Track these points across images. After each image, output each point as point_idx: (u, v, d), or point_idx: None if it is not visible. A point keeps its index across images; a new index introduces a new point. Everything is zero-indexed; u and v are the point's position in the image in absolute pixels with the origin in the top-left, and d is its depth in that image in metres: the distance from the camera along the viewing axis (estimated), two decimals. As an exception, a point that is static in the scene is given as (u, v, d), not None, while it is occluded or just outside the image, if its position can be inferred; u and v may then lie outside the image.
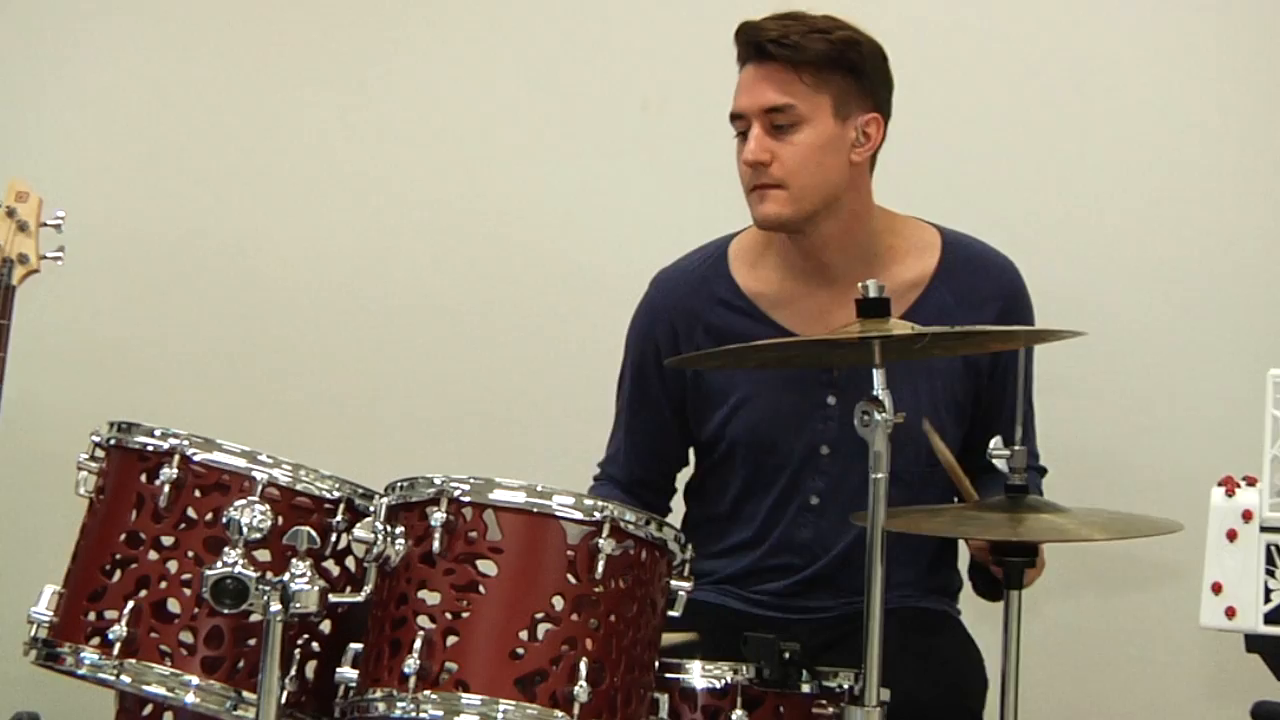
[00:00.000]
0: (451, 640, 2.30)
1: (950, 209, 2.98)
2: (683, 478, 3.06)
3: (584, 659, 2.29)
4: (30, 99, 3.88)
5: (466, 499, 2.34)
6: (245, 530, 2.28)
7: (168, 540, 2.37)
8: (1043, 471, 2.85)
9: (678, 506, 3.02)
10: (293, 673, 2.36)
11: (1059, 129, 3.53)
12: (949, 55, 3.52)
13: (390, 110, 3.81)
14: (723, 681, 2.46)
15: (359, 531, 2.33)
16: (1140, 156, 3.52)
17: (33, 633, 2.40)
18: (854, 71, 2.79)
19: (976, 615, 2.90)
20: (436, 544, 2.32)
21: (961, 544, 2.84)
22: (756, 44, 2.78)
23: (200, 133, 3.87)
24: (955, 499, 2.81)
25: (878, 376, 2.31)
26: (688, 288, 2.92)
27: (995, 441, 2.51)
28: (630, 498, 2.84)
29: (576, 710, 2.27)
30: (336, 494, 2.40)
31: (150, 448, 2.40)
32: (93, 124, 3.87)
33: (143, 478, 2.39)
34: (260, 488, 2.35)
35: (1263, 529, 2.01)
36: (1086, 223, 3.48)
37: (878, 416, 2.28)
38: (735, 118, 2.81)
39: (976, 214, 3.06)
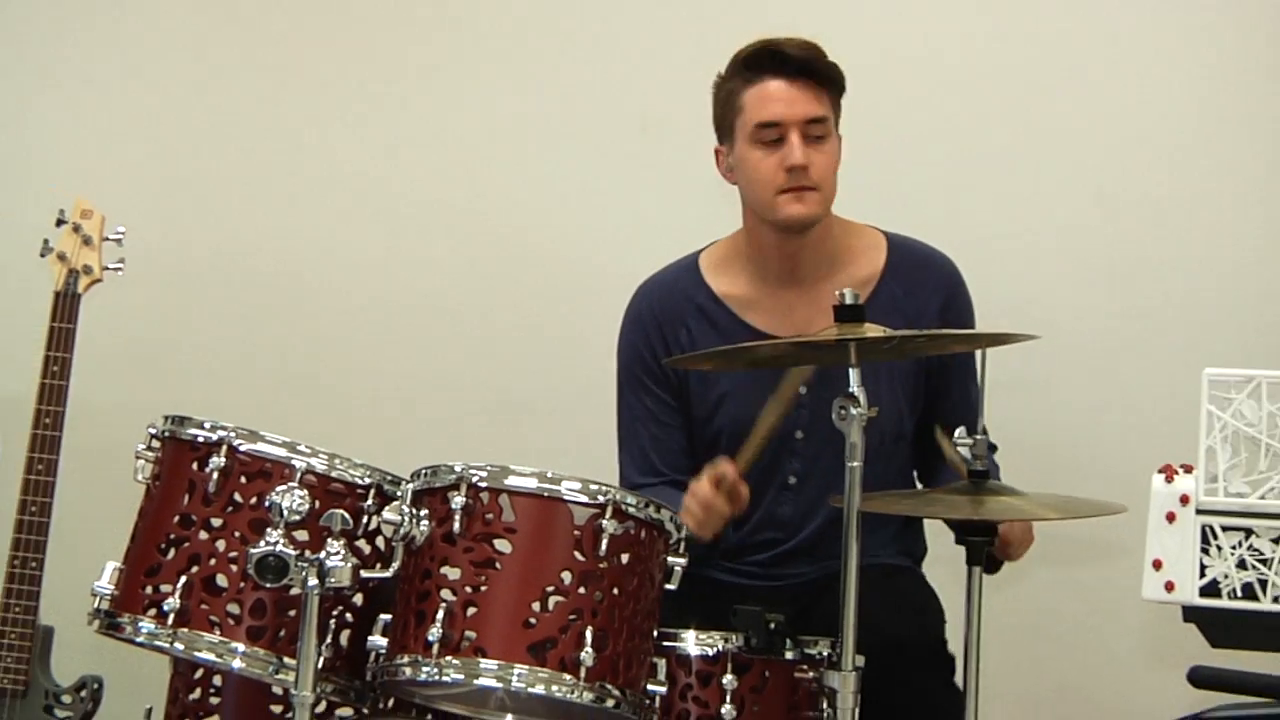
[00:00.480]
0: (471, 611, 2.30)
1: (904, 217, 3.00)
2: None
3: (590, 628, 2.30)
4: (90, 119, 3.89)
5: (484, 484, 2.34)
6: (286, 513, 2.29)
7: (216, 522, 2.38)
8: (994, 448, 2.86)
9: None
10: (328, 640, 2.37)
11: (1010, 147, 3.52)
12: (906, 68, 3.51)
13: (419, 132, 3.80)
14: (714, 649, 2.46)
15: (387, 514, 2.35)
16: (1086, 172, 3.50)
17: (96, 605, 2.40)
18: (843, 94, 2.82)
19: (940, 585, 2.89)
20: (457, 525, 2.33)
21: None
22: (794, 62, 2.76)
23: (241, 151, 3.86)
24: (915, 472, 2.89)
25: (854, 375, 2.31)
26: (668, 296, 2.91)
27: (960, 432, 2.51)
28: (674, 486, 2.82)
29: (583, 674, 2.28)
30: (367, 480, 2.40)
31: (200, 439, 2.41)
32: (144, 143, 3.86)
33: (194, 466, 2.40)
34: (299, 475, 2.36)
35: (1198, 511, 2.01)
36: (1040, 233, 3.47)
37: (854, 411, 2.29)
38: (769, 125, 2.76)
39: (941, 224, 3.05)
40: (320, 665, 2.30)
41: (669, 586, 2.42)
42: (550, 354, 3.62)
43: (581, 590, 2.31)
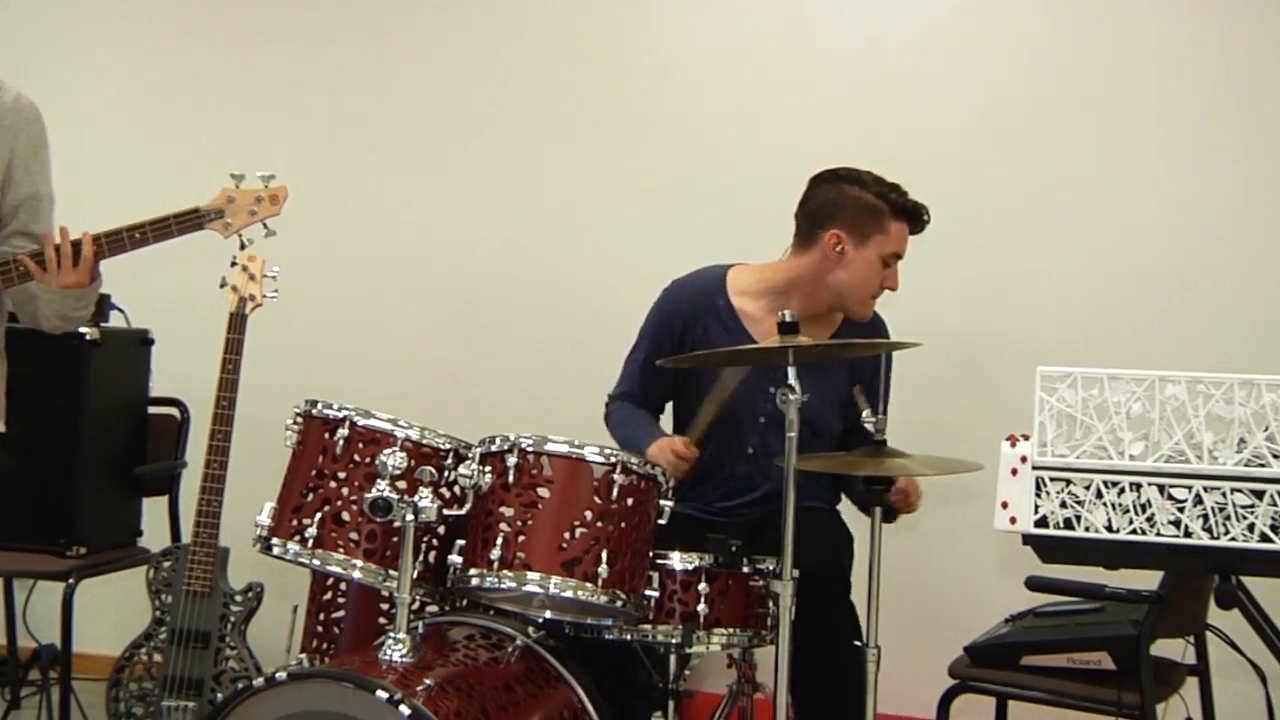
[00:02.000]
0: (520, 539, 2.29)
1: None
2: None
3: (605, 550, 2.29)
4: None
5: (530, 449, 2.33)
6: (390, 469, 2.30)
7: (341, 475, 2.37)
8: None
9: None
10: (420, 559, 2.36)
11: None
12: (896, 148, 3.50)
13: (481, 184, 3.80)
14: (692, 565, 2.47)
15: (462, 470, 2.35)
16: (957, 202, 3.44)
17: (257, 533, 2.40)
18: None
19: (853, 525, 2.89)
20: (511, 478, 2.32)
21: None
22: (924, 217, 2.78)
23: (347, 206, 3.87)
24: (841, 445, 2.85)
25: (791, 371, 2.30)
26: (698, 295, 2.86)
27: (866, 413, 2.51)
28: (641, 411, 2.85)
29: (600, 583, 2.28)
30: (448, 446, 2.39)
31: (330, 415, 2.40)
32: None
33: (326, 435, 2.39)
34: (400, 441, 2.35)
35: (1033, 467, 2.00)
36: (918, 269, 3.44)
37: (790, 397, 2.28)
38: (896, 257, 2.77)
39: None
40: (415, 576, 2.31)
41: (661, 522, 2.42)
42: (577, 354, 3.61)
43: (599, 524, 2.31)
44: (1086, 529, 1.99)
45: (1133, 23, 3.39)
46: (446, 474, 2.36)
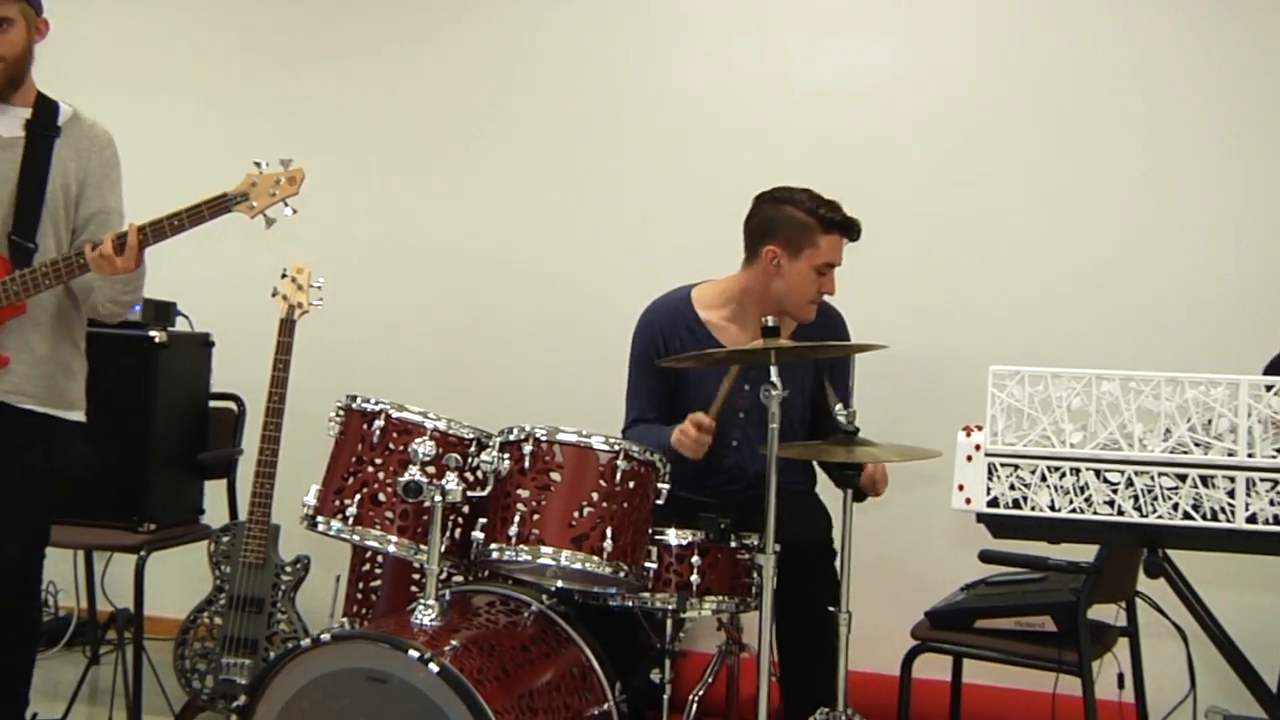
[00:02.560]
0: (535, 517, 2.29)
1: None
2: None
3: (609, 527, 2.29)
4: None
5: (543, 438, 2.32)
6: (420, 456, 2.30)
7: (378, 461, 2.36)
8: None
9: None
10: (447, 534, 2.35)
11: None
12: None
13: (499, 209, 3.80)
14: (686, 541, 2.46)
15: (484, 456, 2.34)
16: (917, 220, 3.47)
17: (304, 512, 2.39)
18: None
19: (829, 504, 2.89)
20: (527, 463, 2.31)
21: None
22: (854, 229, 2.73)
23: (379, 226, 3.87)
24: (812, 434, 2.83)
25: (773, 370, 2.29)
26: (670, 315, 2.85)
27: (839, 407, 2.50)
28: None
29: (605, 556, 2.28)
30: (471, 435, 2.38)
31: (368, 409, 2.39)
32: (327, 225, 3.86)
33: (364, 426, 2.38)
34: (429, 431, 2.35)
35: (985, 455, 1.99)
36: (883, 278, 3.45)
37: (773, 392, 2.28)
38: (829, 268, 2.73)
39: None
40: (443, 550, 2.30)
41: (659, 502, 2.41)
42: (585, 354, 3.61)
43: (605, 504, 2.30)
44: (1032, 508, 1.98)
45: (1076, 55, 3.39)
46: (470, 460, 2.35)
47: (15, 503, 2.55)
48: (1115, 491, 1.95)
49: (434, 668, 2.08)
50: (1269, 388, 1.91)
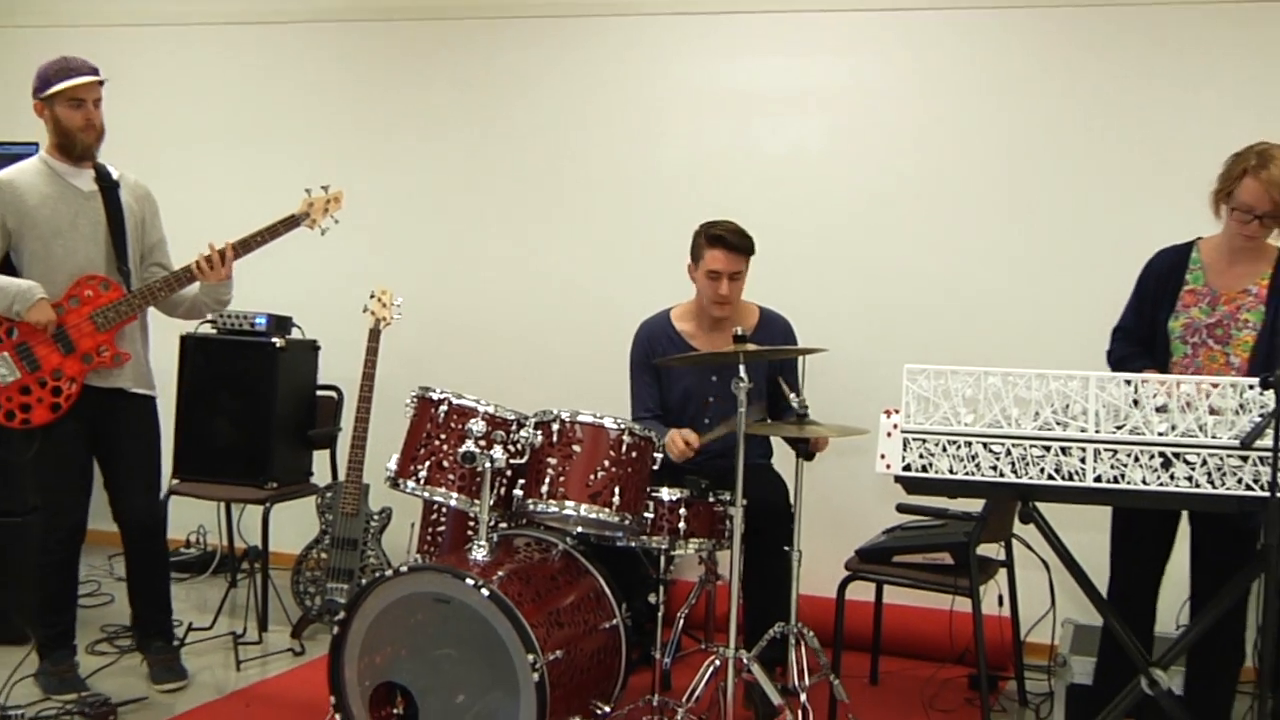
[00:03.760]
0: (561, 479, 2.28)
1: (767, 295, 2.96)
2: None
3: (617, 486, 2.28)
4: (384, 242, 3.87)
5: (567, 419, 2.31)
6: (474, 432, 2.29)
7: (442, 436, 2.35)
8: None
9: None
10: (494, 492, 2.33)
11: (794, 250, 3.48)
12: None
13: (528, 242, 3.78)
14: (675, 496, 2.45)
15: (522, 432, 2.33)
16: (852, 250, 3.44)
17: (387, 474, 2.38)
18: (752, 254, 2.74)
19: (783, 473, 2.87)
20: (555, 438, 2.31)
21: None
22: (728, 242, 2.68)
23: (442, 250, 3.85)
24: (768, 417, 2.79)
25: (742, 368, 2.28)
26: (654, 331, 2.84)
27: (793, 396, 2.48)
28: (658, 420, 2.78)
29: (614, 508, 2.27)
30: (513, 417, 2.37)
31: (434, 397, 2.38)
32: (404, 252, 3.84)
33: (431, 410, 2.37)
34: (481, 414, 2.33)
35: (901, 432, 1.99)
36: (825, 295, 3.43)
37: (741, 384, 2.27)
38: (716, 274, 2.69)
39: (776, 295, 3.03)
40: (491, 503, 2.29)
41: (654, 468, 2.40)
42: (600, 356, 3.55)
43: (614, 469, 2.29)
44: (936, 472, 1.97)
45: (958, 134, 3.37)
46: (512, 435, 2.35)
47: (140, 464, 2.64)
48: (997, 459, 1.95)
49: (485, 592, 2.08)
50: (1108, 383, 1.92)
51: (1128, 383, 1.91)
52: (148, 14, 4.08)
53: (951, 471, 1.97)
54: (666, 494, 2.44)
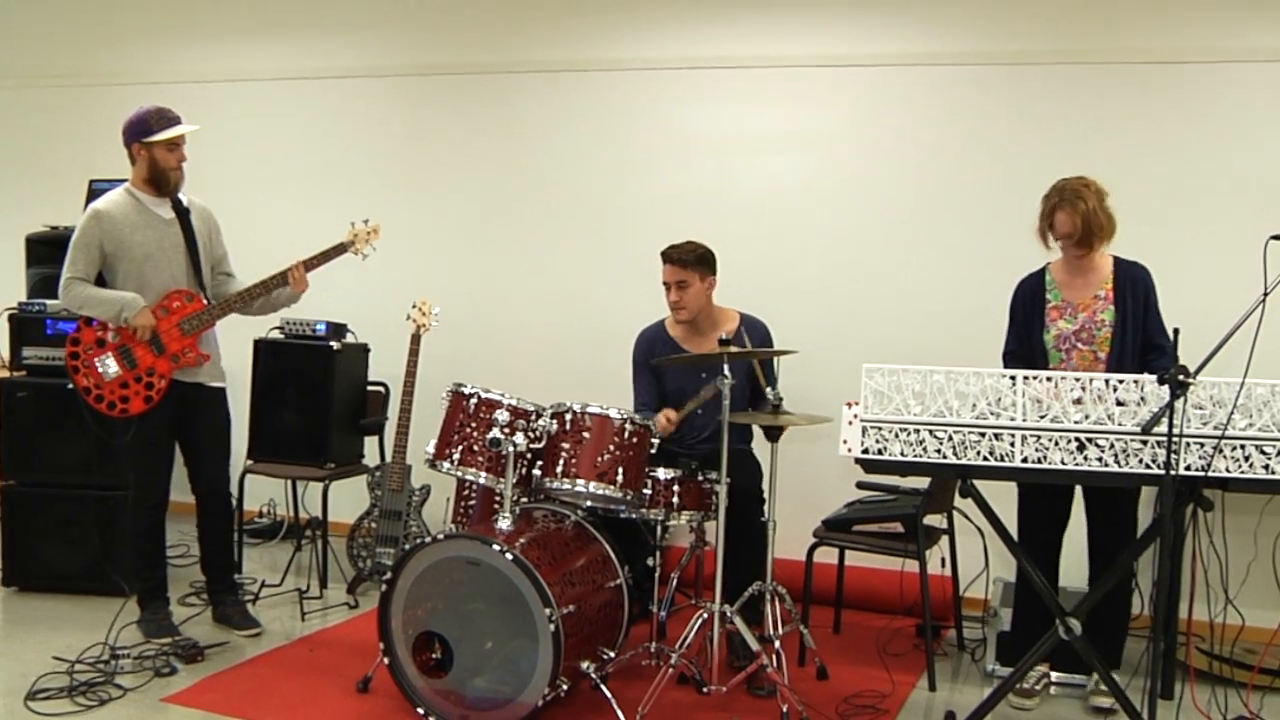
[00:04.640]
0: (574, 461, 2.27)
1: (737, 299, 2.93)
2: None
3: (621, 467, 2.27)
4: (421, 261, 3.84)
5: (578, 410, 2.30)
6: (500, 421, 2.28)
7: (473, 424, 2.34)
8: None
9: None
10: (516, 472, 2.31)
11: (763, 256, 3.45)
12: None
13: (545, 263, 3.76)
14: (670, 476, 2.44)
15: (540, 422, 2.32)
16: (820, 269, 3.42)
17: (426, 456, 2.37)
18: (704, 262, 2.70)
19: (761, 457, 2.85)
20: (568, 427, 2.29)
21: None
22: (670, 256, 2.68)
23: (478, 266, 3.82)
24: (750, 407, 2.77)
25: (726, 367, 2.27)
26: (652, 337, 2.82)
27: (770, 390, 2.47)
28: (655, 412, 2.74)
29: (618, 484, 2.26)
30: (533, 408, 2.36)
31: (465, 392, 2.36)
32: (440, 267, 3.81)
33: (463, 402, 2.36)
34: (505, 406, 2.32)
35: (861, 420, 1.98)
36: (796, 304, 3.39)
37: (725, 380, 2.26)
38: (667, 285, 2.69)
39: (756, 300, 2.98)
40: (514, 482, 2.27)
41: (652, 452, 2.38)
42: (608, 362, 3.51)
43: (618, 453, 2.28)
44: (890, 455, 1.97)
45: (901, 172, 3.35)
46: (532, 424, 2.34)
47: (215, 444, 2.69)
48: (941, 443, 1.94)
49: (509, 555, 2.07)
50: (1030, 378, 1.91)
51: (1049, 379, 1.91)
52: (228, 71, 4.07)
53: (903, 454, 1.97)
54: (662, 473, 2.44)
